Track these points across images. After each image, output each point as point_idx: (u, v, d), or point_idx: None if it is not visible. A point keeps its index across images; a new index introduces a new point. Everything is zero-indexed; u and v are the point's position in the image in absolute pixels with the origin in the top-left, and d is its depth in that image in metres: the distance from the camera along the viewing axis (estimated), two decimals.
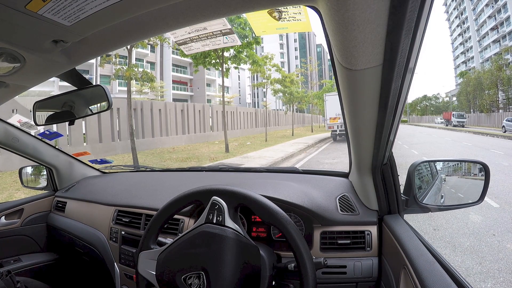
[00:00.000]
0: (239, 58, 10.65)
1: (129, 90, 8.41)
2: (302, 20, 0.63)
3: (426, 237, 0.88)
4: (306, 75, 40.28)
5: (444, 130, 26.02)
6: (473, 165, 1.09)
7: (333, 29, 0.41)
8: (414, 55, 0.44)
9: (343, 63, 0.47)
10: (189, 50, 0.84)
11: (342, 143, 13.42)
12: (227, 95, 29.10)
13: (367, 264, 0.87)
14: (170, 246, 0.71)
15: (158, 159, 9.44)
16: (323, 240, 0.92)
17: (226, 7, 0.52)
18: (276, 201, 0.93)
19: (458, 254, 2.73)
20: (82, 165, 1.78)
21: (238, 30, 8.91)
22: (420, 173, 1.04)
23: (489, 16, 39.80)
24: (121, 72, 7.89)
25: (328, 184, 1.09)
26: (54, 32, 0.55)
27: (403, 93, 0.53)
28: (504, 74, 30.54)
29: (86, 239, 1.33)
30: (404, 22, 0.36)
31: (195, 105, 14.94)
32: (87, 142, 9.39)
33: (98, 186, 1.54)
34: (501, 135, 17.27)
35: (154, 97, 22.29)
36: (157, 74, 26.05)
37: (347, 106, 0.63)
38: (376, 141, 0.70)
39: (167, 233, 1.06)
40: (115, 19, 0.53)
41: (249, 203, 0.70)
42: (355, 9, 0.35)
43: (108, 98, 0.95)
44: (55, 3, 0.46)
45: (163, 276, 0.69)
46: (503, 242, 2.94)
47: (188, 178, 1.47)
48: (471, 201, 0.93)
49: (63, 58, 0.70)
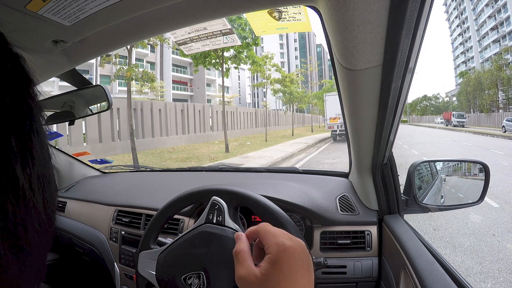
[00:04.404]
0: (239, 58, 10.65)
1: (129, 90, 8.41)
2: (302, 20, 0.63)
3: (426, 237, 0.88)
4: (306, 75, 40.30)
5: (444, 130, 26.02)
6: (473, 165, 1.09)
7: (333, 29, 0.41)
8: (414, 55, 0.44)
9: (343, 63, 0.47)
10: (189, 50, 0.84)
11: (342, 143, 13.42)
12: (227, 95, 29.12)
13: (367, 264, 0.87)
14: (170, 246, 0.71)
15: (158, 159, 9.44)
16: (323, 240, 0.92)
17: (226, 7, 0.52)
18: (276, 201, 0.93)
19: (458, 254, 2.73)
20: (82, 165, 1.78)
21: (238, 31, 8.90)
22: (420, 173, 1.04)
23: (489, 16, 39.81)
24: (121, 72, 7.89)
25: (328, 184, 1.09)
26: (54, 32, 0.55)
27: (403, 93, 0.53)
28: (504, 74, 30.56)
29: (86, 239, 1.33)
30: (404, 22, 0.36)
31: (195, 105, 14.94)
32: (87, 142, 9.39)
33: (98, 186, 1.54)
34: (501, 135, 17.28)
35: (154, 97, 22.29)
36: (157, 74, 26.04)
37: (347, 106, 0.63)
38: (376, 141, 0.70)
39: (167, 233, 1.06)
40: (115, 19, 0.53)
41: (249, 203, 0.70)
42: (355, 9, 0.35)
43: (108, 98, 0.95)
44: (55, 3, 0.46)
45: (163, 276, 0.69)
46: (503, 242, 2.94)
47: (188, 178, 1.47)
48: (471, 201, 0.93)
49: (63, 58, 0.70)
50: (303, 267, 0.34)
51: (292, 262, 0.34)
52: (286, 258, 0.34)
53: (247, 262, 0.36)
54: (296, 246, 0.35)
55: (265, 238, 0.37)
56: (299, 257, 0.35)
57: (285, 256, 0.34)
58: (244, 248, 0.38)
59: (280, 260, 0.34)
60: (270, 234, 0.36)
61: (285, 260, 0.34)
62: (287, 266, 0.34)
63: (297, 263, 0.34)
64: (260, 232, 0.37)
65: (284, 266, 0.34)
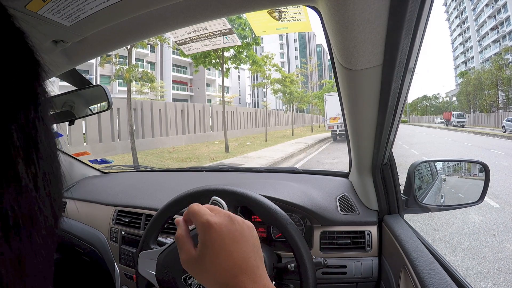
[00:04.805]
0: (239, 58, 10.65)
1: (129, 90, 8.41)
2: (302, 20, 0.63)
3: (426, 237, 0.88)
4: (306, 75, 40.31)
5: (444, 130, 26.02)
6: (473, 165, 1.09)
7: (333, 29, 0.41)
8: (414, 55, 0.44)
9: (343, 63, 0.47)
10: (189, 50, 0.84)
11: (342, 143, 13.42)
12: (227, 95, 29.11)
13: (367, 264, 0.87)
14: (170, 246, 0.71)
15: (158, 159, 9.44)
16: (323, 240, 0.92)
17: (226, 7, 0.52)
18: (276, 201, 0.93)
19: (458, 254, 2.73)
20: (82, 165, 1.78)
21: (238, 31, 8.90)
22: (420, 173, 1.04)
23: (489, 16, 39.82)
24: (121, 72, 7.89)
25: (328, 184, 1.09)
26: (54, 32, 0.55)
27: (403, 93, 0.53)
28: (504, 74, 30.56)
29: (86, 239, 1.33)
30: (404, 22, 0.36)
31: (195, 105, 14.94)
32: (87, 142, 9.38)
33: (98, 186, 1.54)
34: (501, 135, 17.28)
35: (154, 97, 22.29)
36: (157, 74, 26.05)
37: (347, 106, 0.63)
38: (376, 141, 0.70)
39: (167, 233, 1.06)
40: (115, 19, 0.53)
41: (249, 203, 0.70)
42: (355, 9, 0.35)
43: (108, 98, 0.95)
44: (55, 3, 0.46)
45: (163, 276, 0.69)
46: (503, 242, 2.94)
47: (188, 178, 1.47)
48: (471, 201, 0.93)
49: (63, 58, 0.70)
50: (235, 240, 0.34)
51: (220, 238, 0.34)
52: (213, 235, 0.34)
53: (186, 246, 0.36)
54: (223, 221, 0.35)
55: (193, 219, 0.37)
56: (227, 230, 0.34)
57: (212, 233, 0.34)
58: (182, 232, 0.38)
59: (208, 238, 0.34)
60: (196, 215, 0.36)
61: (212, 237, 0.34)
62: (217, 242, 0.34)
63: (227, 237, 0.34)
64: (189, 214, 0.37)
65: (214, 243, 0.34)
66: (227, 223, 0.35)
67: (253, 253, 0.35)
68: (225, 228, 0.34)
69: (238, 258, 0.34)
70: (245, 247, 0.34)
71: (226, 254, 0.33)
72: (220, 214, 0.36)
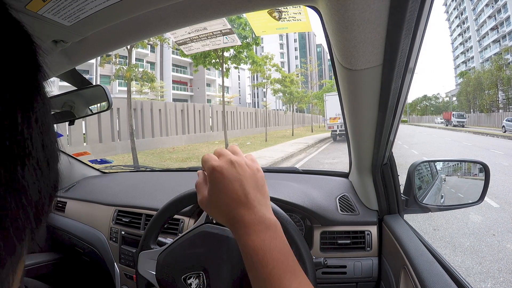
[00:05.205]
0: (239, 58, 10.64)
1: (129, 90, 8.41)
2: (302, 20, 0.63)
3: (426, 237, 0.88)
4: (306, 75, 40.32)
5: (444, 130, 26.03)
6: (473, 165, 1.08)
7: (333, 29, 0.41)
8: (414, 55, 0.44)
9: (343, 63, 0.47)
10: (189, 50, 0.84)
11: (342, 143, 13.42)
12: (227, 95, 29.12)
13: (367, 264, 0.87)
14: (170, 246, 0.71)
15: (158, 159, 9.44)
16: (323, 240, 0.92)
17: (226, 7, 0.52)
18: (276, 201, 0.93)
19: (458, 254, 2.73)
20: (82, 165, 1.78)
21: (238, 31, 8.90)
22: (420, 173, 1.04)
23: (489, 16, 39.84)
24: (121, 72, 7.89)
25: (328, 184, 1.09)
26: (54, 32, 0.55)
27: (403, 93, 0.53)
28: (504, 74, 30.57)
29: (86, 239, 1.33)
30: (404, 22, 0.36)
31: (195, 105, 14.94)
32: (87, 142, 9.38)
33: (98, 186, 1.54)
34: (501, 135, 17.28)
35: (154, 97, 22.29)
36: (157, 74, 26.05)
37: (347, 106, 0.63)
38: (376, 141, 0.70)
39: (167, 233, 1.06)
40: (115, 19, 0.53)
41: None
42: (355, 9, 0.35)
43: (108, 98, 0.95)
44: (55, 3, 0.46)
45: (163, 276, 0.69)
46: (503, 242, 2.94)
47: (188, 178, 1.47)
48: (471, 201, 0.93)
49: (63, 58, 0.70)
50: (234, 180, 0.39)
51: (222, 178, 0.40)
52: (215, 176, 0.40)
53: (202, 190, 0.42)
54: (224, 164, 0.40)
55: (203, 166, 0.42)
56: (227, 172, 0.40)
57: (214, 174, 0.40)
58: (200, 180, 0.44)
59: (213, 179, 0.40)
60: (204, 162, 0.42)
61: (216, 178, 0.40)
62: (219, 183, 0.40)
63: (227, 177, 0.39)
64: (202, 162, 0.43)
65: (216, 184, 0.40)
66: (227, 166, 0.40)
67: (253, 190, 0.40)
68: (225, 171, 0.40)
69: (238, 194, 0.39)
70: (245, 185, 0.40)
71: (228, 191, 0.39)
72: (222, 158, 0.42)
